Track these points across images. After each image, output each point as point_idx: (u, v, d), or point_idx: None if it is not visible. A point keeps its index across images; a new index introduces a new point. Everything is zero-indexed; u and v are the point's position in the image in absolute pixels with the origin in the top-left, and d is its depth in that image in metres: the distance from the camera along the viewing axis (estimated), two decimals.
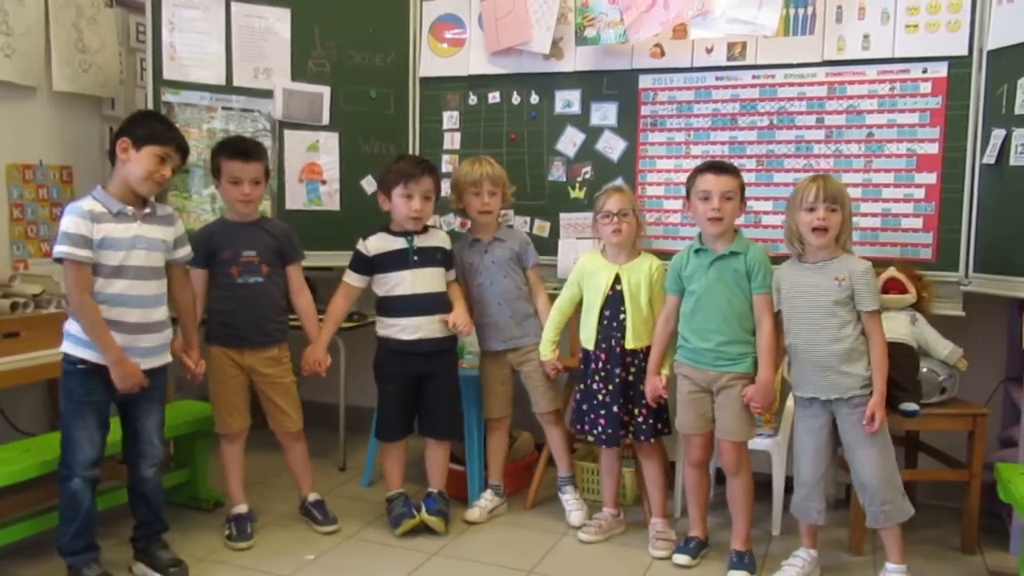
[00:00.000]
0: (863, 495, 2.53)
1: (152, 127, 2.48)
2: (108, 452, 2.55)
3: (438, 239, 3.02)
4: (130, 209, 2.44)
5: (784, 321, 2.60)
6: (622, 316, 2.84)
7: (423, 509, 2.96)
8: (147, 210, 2.49)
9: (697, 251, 2.71)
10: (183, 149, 2.53)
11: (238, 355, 2.86)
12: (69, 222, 2.35)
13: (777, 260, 2.73)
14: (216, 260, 2.82)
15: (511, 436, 3.30)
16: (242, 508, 2.92)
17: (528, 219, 3.59)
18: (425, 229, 3.00)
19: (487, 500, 3.13)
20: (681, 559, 2.74)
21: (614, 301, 2.85)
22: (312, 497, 3.04)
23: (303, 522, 3.03)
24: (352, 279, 2.98)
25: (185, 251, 2.64)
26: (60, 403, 2.47)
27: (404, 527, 2.90)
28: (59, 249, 2.34)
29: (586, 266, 2.95)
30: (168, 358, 2.58)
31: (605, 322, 2.86)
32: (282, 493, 3.25)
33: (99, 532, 2.55)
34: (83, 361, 2.40)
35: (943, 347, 2.87)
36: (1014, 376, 3.09)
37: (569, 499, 3.10)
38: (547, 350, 3.00)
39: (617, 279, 2.86)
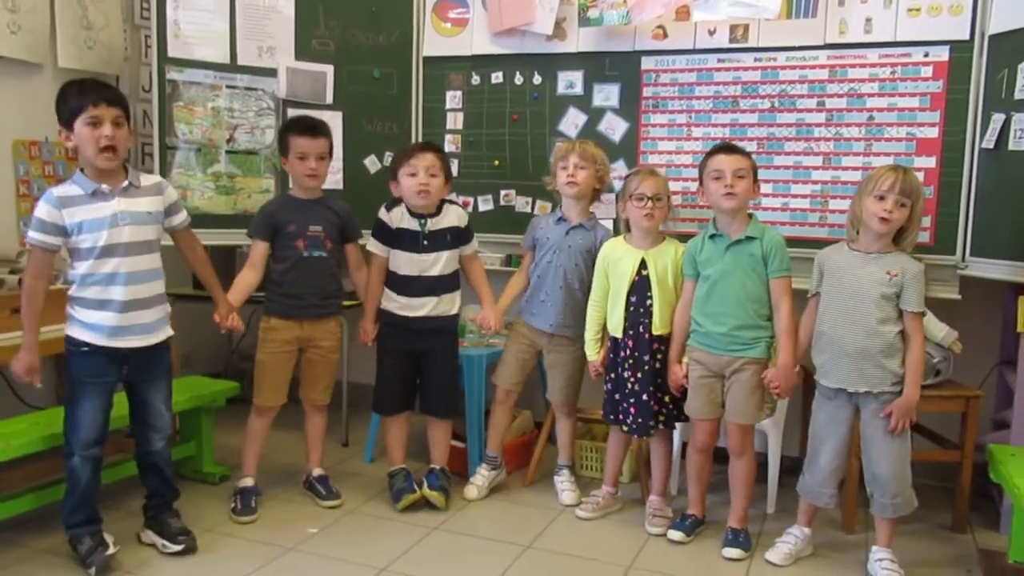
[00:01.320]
0: (874, 486, 2.54)
1: (67, 102, 2.38)
2: (115, 426, 2.60)
3: (451, 218, 3.00)
4: (106, 187, 2.41)
5: (821, 307, 2.58)
6: (649, 302, 2.82)
7: (424, 484, 3.01)
8: (125, 183, 2.45)
9: (712, 236, 2.70)
10: (112, 100, 2.38)
11: (297, 326, 2.93)
12: (39, 208, 2.38)
13: None
14: (282, 233, 2.89)
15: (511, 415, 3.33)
16: (249, 481, 2.98)
17: (530, 199, 3.61)
18: (440, 210, 3.00)
19: (482, 476, 3.16)
20: (676, 535, 2.79)
21: (641, 287, 2.83)
22: (316, 472, 3.10)
23: (307, 496, 3.09)
24: (376, 248, 3.00)
25: (181, 216, 2.63)
26: (64, 382, 2.51)
27: (405, 502, 2.96)
28: (28, 234, 2.40)
29: (609, 254, 2.92)
30: (169, 331, 2.61)
31: (632, 308, 2.84)
32: (286, 468, 3.31)
33: (106, 504, 2.60)
34: (87, 344, 2.43)
35: (938, 330, 2.90)
36: (1008, 359, 3.12)
37: (563, 480, 3.14)
38: (592, 350, 2.97)
39: (643, 264, 2.84)
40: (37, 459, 2.69)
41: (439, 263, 2.96)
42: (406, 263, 2.96)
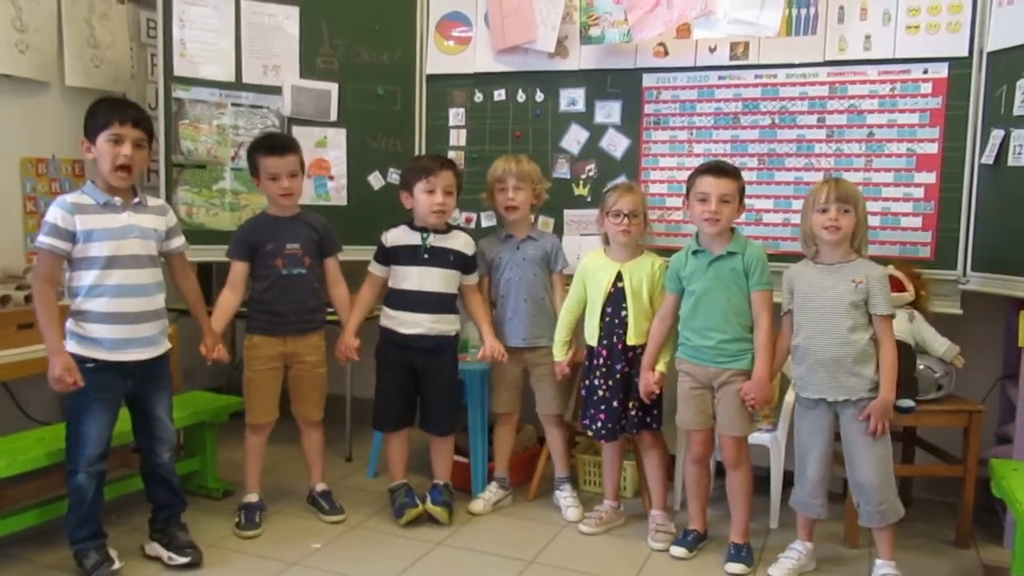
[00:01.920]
0: (859, 495, 2.56)
1: (96, 117, 2.46)
2: (119, 442, 2.61)
3: (458, 243, 3.02)
4: (118, 200, 2.47)
5: (795, 322, 2.62)
6: (624, 313, 2.88)
7: (428, 500, 3.01)
8: (136, 200, 2.52)
9: (695, 252, 2.74)
10: (137, 122, 2.46)
11: (280, 343, 2.93)
12: (51, 213, 2.41)
13: (778, 257, 2.77)
14: (260, 253, 2.90)
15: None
16: (253, 497, 2.99)
17: (532, 216, 3.62)
18: (449, 230, 3.03)
19: (491, 493, 3.18)
20: (678, 551, 2.79)
21: (616, 298, 2.89)
22: (320, 487, 3.10)
23: (310, 511, 3.09)
24: (374, 268, 3.05)
25: (180, 241, 2.68)
26: (65, 399, 2.49)
27: (407, 516, 2.96)
28: (38, 237, 2.41)
29: (588, 265, 2.99)
30: (167, 345, 2.63)
31: (607, 319, 2.90)
32: (290, 483, 3.32)
33: (109, 519, 2.61)
34: (92, 360, 2.44)
35: (940, 345, 2.91)
36: (1010, 374, 3.12)
37: (566, 496, 3.15)
38: (559, 351, 3.03)
39: (619, 277, 2.89)
40: (42, 474, 2.70)
41: (438, 279, 2.97)
42: (405, 277, 2.97)
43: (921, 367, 2.88)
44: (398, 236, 3.00)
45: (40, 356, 2.77)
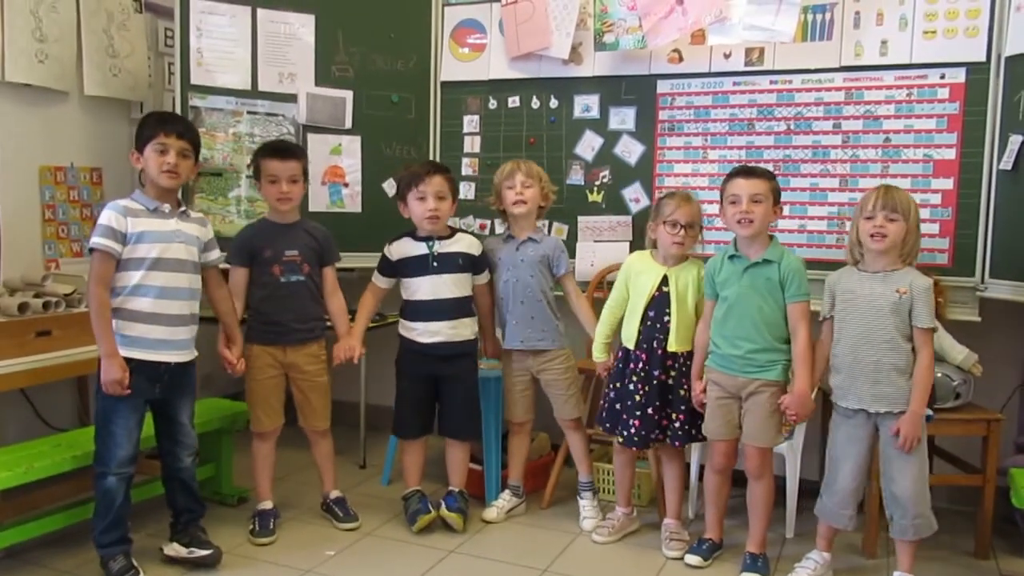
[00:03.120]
0: (894, 507, 2.51)
1: (144, 129, 2.57)
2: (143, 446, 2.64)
3: (463, 244, 3.03)
4: (167, 207, 2.57)
5: (835, 330, 2.59)
6: (666, 318, 2.83)
7: (442, 506, 3.01)
8: (182, 209, 2.63)
9: (731, 257, 2.70)
10: (182, 133, 2.57)
11: (280, 352, 2.93)
12: (105, 215, 2.49)
13: None
14: (258, 259, 2.90)
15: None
16: (267, 504, 3.00)
17: (546, 222, 3.63)
18: (452, 234, 3.03)
19: (505, 500, 3.18)
20: (693, 560, 2.77)
21: (660, 303, 2.85)
22: (334, 494, 3.11)
23: (324, 518, 3.10)
24: (377, 279, 3.07)
25: (216, 254, 2.74)
26: (96, 401, 2.54)
27: (421, 523, 2.96)
28: (92, 239, 2.47)
29: (633, 265, 2.93)
30: (195, 352, 2.66)
31: (648, 323, 2.85)
32: (305, 490, 3.33)
33: (130, 525, 2.63)
34: (127, 359, 2.47)
35: (958, 352, 2.88)
36: None
37: (586, 505, 3.13)
38: (600, 351, 3.00)
39: (664, 281, 2.85)
40: (60, 480, 2.72)
41: (451, 285, 2.98)
42: (418, 288, 2.98)
43: (939, 375, 2.84)
44: (403, 248, 3.01)
45: (58, 363, 2.83)
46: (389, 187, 3.75)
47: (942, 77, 3.04)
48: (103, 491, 2.52)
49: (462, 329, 3.01)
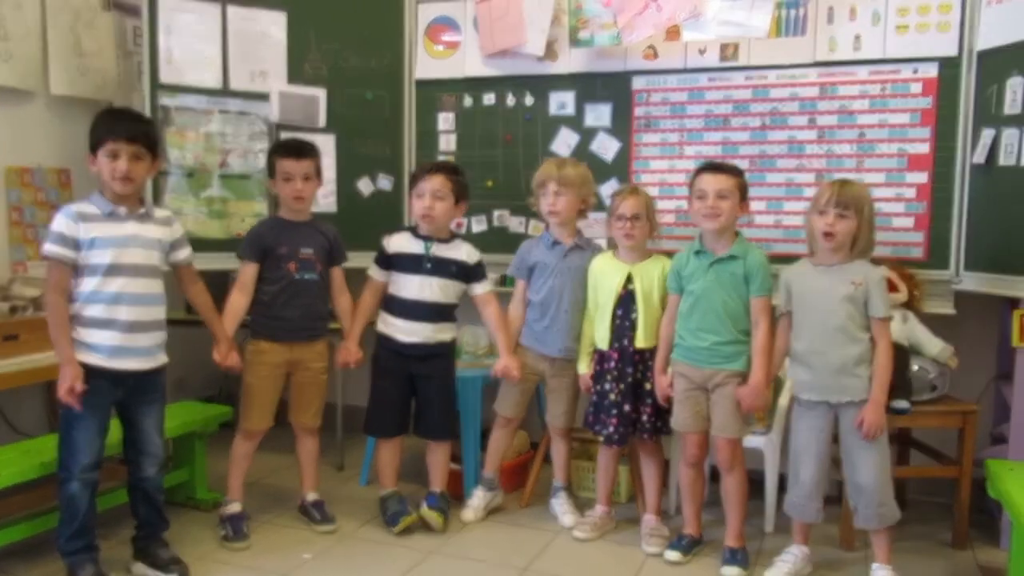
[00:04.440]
0: (857, 497, 2.54)
1: (96, 131, 2.48)
2: (108, 453, 2.58)
3: (460, 252, 3.00)
4: (123, 210, 2.48)
5: (793, 324, 2.60)
6: (634, 315, 2.86)
7: (423, 506, 2.99)
8: (142, 211, 2.53)
9: (697, 252, 2.72)
10: (133, 137, 2.45)
11: (287, 349, 2.90)
12: (56, 221, 2.41)
13: (770, 260, 2.74)
14: (272, 255, 2.87)
15: None
16: (236, 507, 2.95)
17: (524, 219, 3.62)
18: (452, 239, 3.01)
19: (478, 498, 3.14)
20: (672, 556, 2.77)
21: (626, 301, 2.87)
22: (312, 497, 3.07)
23: (301, 521, 3.06)
24: (373, 271, 3.03)
25: (186, 252, 2.67)
26: (60, 407, 2.48)
27: (402, 524, 2.93)
28: (45, 247, 2.41)
29: (597, 268, 2.96)
30: (164, 358, 2.61)
31: (618, 321, 2.88)
32: (281, 492, 3.28)
33: (99, 533, 2.57)
34: (85, 365, 2.42)
35: (934, 345, 2.90)
36: (1004, 373, 3.11)
37: (562, 503, 3.12)
38: (584, 364, 3.00)
39: (629, 279, 2.87)
40: (28, 488, 2.66)
41: (438, 289, 2.95)
42: (405, 285, 2.95)
43: (915, 368, 2.87)
44: (401, 243, 2.99)
45: (26, 368, 2.77)
46: (364, 186, 3.72)
47: (915, 72, 3.06)
48: (67, 497, 2.45)
49: (441, 333, 2.99)
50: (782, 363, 2.70)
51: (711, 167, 2.73)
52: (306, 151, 2.92)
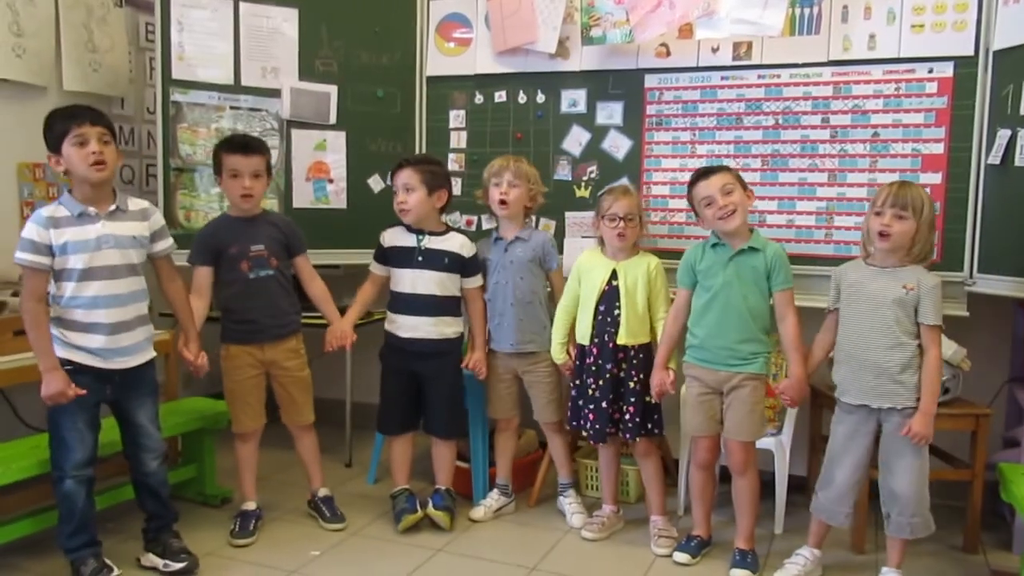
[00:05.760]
0: (892, 504, 2.50)
1: (53, 128, 2.42)
2: (111, 450, 2.59)
3: (452, 244, 2.99)
4: (92, 210, 2.42)
5: (840, 323, 2.57)
6: (616, 312, 2.85)
7: (429, 505, 2.98)
8: (113, 207, 2.46)
9: (715, 245, 2.70)
10: (96, 119, 2.41)
11: (258, 351, 2.88)
12: (28, 229, 2.37)
13: None
14: (224, 257, 2.83)
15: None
16: (251, 505, 2.96)
17: (533, 218, 3.59)
18: (446, 232, 3.01)
19: (493, 500, 3.15)
20: (681, 557, 2.75)
21: (610, 297, 2.87)
22: (322, 492, 3.07)
23: (310, 518, 3.06)
24: (373, 267, 3.05)
25: (165, 244, 2.61)
26: (48, 407, 2.46)
27: (405, 523, 2.93)
28: (17, 255, 2.37)
29: (583, 263, 2.97)
30: (152, 353, 2.59)
31: (600, 317, 2.87)
32: (290, 489, 3.29)
33: (107, 527, 2.59)
34: (69, 362, 2.41)
35: (947, 347, 2.86)
36: (1018, 377, 3.08)
37: (571, 502, 3.12)
38: (558, 353, 3.00)
39: (614, 275, 2.87)
40: (37, 482, 2.66)
41: (432, 282, 2.95)
42: (400, 279, 2.97)
43: None
44: (395, 237, 3.00)
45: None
46: (375, 183, 3.72)
47: (930, 71, 3.02)
48: (62, 495, 2.45)
49: (443, 328, 2.98)
50: (823, 359, 2.65)
51: (702, 173, 2.70)
52: (254, 147, 2.87)
